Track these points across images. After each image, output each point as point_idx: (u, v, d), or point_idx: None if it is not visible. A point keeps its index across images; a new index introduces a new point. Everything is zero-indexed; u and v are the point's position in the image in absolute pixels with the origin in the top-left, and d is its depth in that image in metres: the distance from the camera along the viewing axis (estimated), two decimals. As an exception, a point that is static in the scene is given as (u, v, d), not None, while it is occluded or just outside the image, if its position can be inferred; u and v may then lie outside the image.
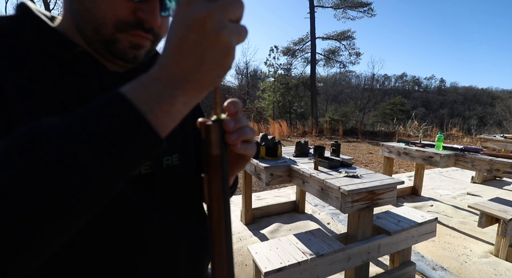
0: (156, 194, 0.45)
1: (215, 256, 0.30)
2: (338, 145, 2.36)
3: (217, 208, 0.30)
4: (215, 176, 0.30)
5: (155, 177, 0.45)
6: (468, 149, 2.71)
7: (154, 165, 0.45)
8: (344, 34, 17.46)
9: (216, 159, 0.30)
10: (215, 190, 0.30)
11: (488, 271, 1.93)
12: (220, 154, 0.30)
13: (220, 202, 0.30)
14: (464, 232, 2.54)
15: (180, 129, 0.52)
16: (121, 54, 0.40)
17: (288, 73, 19.42)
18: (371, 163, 5.85)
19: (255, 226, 2.60)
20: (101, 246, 0.38)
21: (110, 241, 0.39)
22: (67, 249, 0.36)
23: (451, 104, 43.05)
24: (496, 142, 4.26)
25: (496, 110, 25.83)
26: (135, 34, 0.38)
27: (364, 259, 1.54)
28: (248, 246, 1.46)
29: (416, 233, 1.74)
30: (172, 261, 0.46)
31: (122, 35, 0.38)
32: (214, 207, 0.30)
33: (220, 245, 0.30)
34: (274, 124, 11.88)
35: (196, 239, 0.50)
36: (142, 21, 0.38)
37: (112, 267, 0.39)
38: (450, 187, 4.00)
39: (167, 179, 0.46)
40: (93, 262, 0.38)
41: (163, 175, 0.46)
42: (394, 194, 1.65)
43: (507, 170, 2.29)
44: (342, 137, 11.58)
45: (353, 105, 24.99)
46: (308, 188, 1.87)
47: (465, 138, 10.19)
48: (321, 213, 2.92)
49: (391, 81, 59.50)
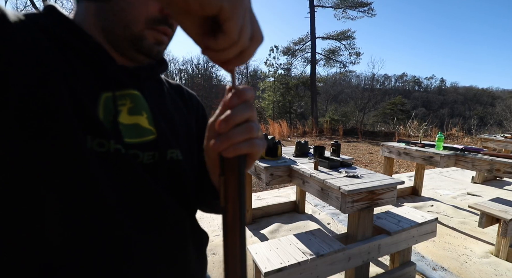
0: (158, 184, 0.45)
1: (228, 258, 0.30)
2: (338, 145, 2.36)
3: (232, 209, 0.29)
4: (231, 177, 0.29)
5: (158, 167, 0.45)
6: (469, 149, 2.71)
7: (158, 155, 0.45)
8: (344, 34, 17.45)
9: (233, 160, 0.29)
10: (231, 191, 0.29)
11: (489, 271, 1.93)
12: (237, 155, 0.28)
13: (236, 204, 0.29)
14: (464, 232, 2.53)
15: (183, 126, 0.52)
16: (147, 50, 0.43)
17: (288, 73, 19.46)
18: (371, 163, 5.84)
19: (255, 226, 2.60)
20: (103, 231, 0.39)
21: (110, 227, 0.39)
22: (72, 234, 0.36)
23: (452, 104, 43.04)
24: (496, 142, 4.26)
25: (497, 110, 25.81)
26: (160, 29, 0.43)
27: (364, 259, 1.54)
28: (248, 246, 1.46)
29: (417, 233, 1.73)
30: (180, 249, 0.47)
31: (149, 32, 0.42)
32: (230, 209, 0.29)
33: (234, 247, 0.30)
34: (274, 124, 11.88)
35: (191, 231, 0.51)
36: (167, 17, 0.42)
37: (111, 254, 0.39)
38: (450, 187, 4.00)
39: (169, 171, 0.47)
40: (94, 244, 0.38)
41: (166, 166, 0.46)
42: (394, 194, 1.65)
43: (508, 170, 2.29)
44: (342, 137, 11.57)
45: (353, 105, 24.98)
46: (308, 188, 1.87)
47: (465, 138, 10.18)
48: (321, 213, 2.92)
49: (391, 81, 59.49)
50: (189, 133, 0.54)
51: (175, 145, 0.48)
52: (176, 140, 0.49)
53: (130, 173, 0.41)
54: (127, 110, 0.44)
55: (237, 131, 0.28)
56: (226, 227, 0.30)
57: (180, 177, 0.48)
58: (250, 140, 0.28)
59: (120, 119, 0.42)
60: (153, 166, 0.44)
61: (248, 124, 0.28)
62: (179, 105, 0.55)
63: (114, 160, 0.39)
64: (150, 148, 0.45)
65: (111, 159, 0.39)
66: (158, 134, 0.46)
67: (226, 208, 0.29)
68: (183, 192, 0.49)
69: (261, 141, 0.30)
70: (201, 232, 0.54)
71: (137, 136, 0.44)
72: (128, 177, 0.40)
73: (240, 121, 0.28)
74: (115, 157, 0.39)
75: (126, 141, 0.42)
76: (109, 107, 0.41)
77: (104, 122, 0.40)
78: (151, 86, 0.50)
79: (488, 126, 18.42)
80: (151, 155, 0.45)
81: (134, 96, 0.45)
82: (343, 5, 16.50)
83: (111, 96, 0.42)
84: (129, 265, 0.40)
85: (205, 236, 0.55)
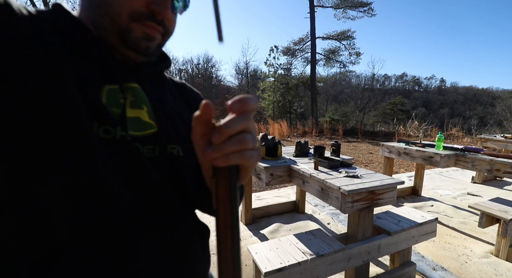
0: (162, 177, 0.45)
1: (221, 263, 0.30)
2: (338, 145, 2.36)
3: (224, 212, 0.29)
4: (222, 179, 0.29)
5: (158, 161, 0.45)
6: (469, 149, 2.71)
7: (158, 149, 0.45)
8: (344, 34, 17.44)
9: (224, 169, 0.29)
10: (222, 193, 0.29)
11: (489, 271, 1.93)
12: None
13: (227, 207, 0.29)
14: (464, 232, 2.53)
15: (184, 124, 0.52)
16: (135, 44, 0.43)
17: (288, 73, 19.42)
18: (371, 163, 5.84)
19: (255, 226, 2.60)
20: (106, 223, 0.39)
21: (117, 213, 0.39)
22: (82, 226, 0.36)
23: (452, 104, 42.99)
24: (496, 142, 4.26)
25: (497, 110, 25.78)
26: (148, 24, 0.42)
27: (364, 259, 1.54)
28: (248, 246, 1.46)
29: (417, 233, 1.73)
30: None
31: (136, 25, 0.42)
32: (221, 211, 0.29)
33: (226, 250, 0.29)
34: (274, 124, 11.89)
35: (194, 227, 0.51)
36: (154, 13, 0.42)
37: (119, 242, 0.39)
38: (450, 187, 4.00)
39: (170, 166, 0.47)
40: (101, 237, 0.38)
41: (166, 161, 0.46)
42: (394, 194, 1.65)
43: (508, 170, 2.29)
44: (342, 137, 11.58)
45: (353, 105, 24.98)
46: (308, 188, 1.87)
47: (465, 138, 10.18)
48: (321, 213, 2.92)
49: (391, 81, 59.45)
50: (190, 130, 0.53)
51: (175, 141, 0.48)
52: (176, 136, 0.49)
53: (136, 161, 0.41)
54: (129, 104, 0.44)
55: (229, 142, 0.28)
56: (218, 230, 0.30)
57: (181, 172, 0.48)
58: (241, 152, 0.28)
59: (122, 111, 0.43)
60: (153, 160, 0.44)
61: (241, 135, 0.28)
62: (181, 104, 0.55)
63: (120, 146, 0.39)
64: (150, 142, 0.45)
65: (117, 145, 0.39)
66: (159, 128, 0.46)
67: (218, 210, 0.29)
68: (184, 187, 0.49)
69: (254, 153, 0.30)
70: (203, 226, 0.54)
71: (139, 129, 0.44)
72: (134, 165, 0.41)
73: (234, 133, 0.28)
74: (121, 144, 0.40)
75: (130, 133, 0.42)
76: (111, 99, 0.42)
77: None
78: (152, 81, 0.51)
79: (488, 126, 18.43)
80: (151, 148, 0.45)
81: (135, 89, 0.46)
82: (343, 5, 16.49)
83: (114, 89, 0.42)
84: (131, 256, 0.40)
85: (207, 229, 0.55)
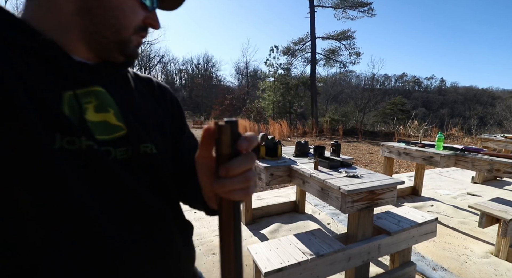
0: (134, 179, 0.45)
1: (223, 262, 0.31)
2: (338, 145, 2.36)
3: (227, 208, 0.32)
4: (226, 209, 0.31)
5: (132, 162, 0.45)
6: (469, 149, 2.71)
7: (131, 150, 0.45)
8: (344, 34, 17.46)
9: (226, 157, 0.30)
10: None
11: (489, 271, 1.93)
12: (230, 153, 0.30)
13: (230, 203, 0.31)
14: (464, 232, 2.53)
15: (153, 119, 0.52)
16: (132, 52, 0.48)
17: (288, 73, 19.41)
18: (371, 163, 5.84)
19: (255, 226, 2.60)
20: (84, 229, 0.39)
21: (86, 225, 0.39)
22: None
23: (452, 104, 43.01)
24: (496, 142, 4.26)
25: (497, 110, 25.80)
26: (141, 34, 0.49)
27: (364, 259, 1.54)
28: (248, 246, 1.46)
29: (417, 233, 1.73)
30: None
31: (134, 36, 0.48)
32: (224, 207, 0.31)
33: (229, 246, 0.31)
34: (274, 124, 11.89)
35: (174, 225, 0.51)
36: (148, 26, 0.49)
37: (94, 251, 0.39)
38: (450, 187, 4.00)
39: (145, 165, 0.47)
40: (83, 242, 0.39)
41: (141, 161, 0.46)
42: (394, 194, 1.65)
43: (508, 170, 2.29)
44: (342, 137, 11.57)
45: (353, 105, 25.00)
46: (308, 188, 1.87)
47: (465, 138, 10.18)
48: (321, 213, 2.92)
49: (391, 81, 59.40)
50: (161, 126, 0.54)
51: (147, 139, 0.48)
52: (147, 134, 0.49)
53: (105, 169, 0.41)
54: (93, 108, 0.43)
55: (235, 180, 0.31)
56: (221, 226, 0.31)
57: (156, 170, 0.49)
58: (246, 189, 0.32)
59: (87, 116, 0.42)
60: (127, 162, 0.44)
61: (247, 174, 0.32)
62: (148, 99, 0.55)
63: (87, 157, 0.39)
64: (122, 144, 0.45)
65: (84, 156, 0.39)
66: (128, 130, 0.46)
67: (221, 206, 0.32)
68: (161, 185, 0.49)
69: (254, 186, 0.34)
70: (185, 222, 0.55)
71: (108, 133, 0.44)
72: (102, 173, 0.41)
73: (240, 173, 0.31)
74: (88, 153, 0.39)
75: (98, 138, 0.42)
76: (73, 106, 0.41)
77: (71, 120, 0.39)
78: (116, 81, 0.50)
79: (488, 126, 18.43)
80: (124, 150, 0.45)
81: (98, 92, 0.45)
82: (343, 5, 16.51)
83: (75, 94, 0.41)
84: (114, 262, 0.40)
85: (190, 226, 0.57)
